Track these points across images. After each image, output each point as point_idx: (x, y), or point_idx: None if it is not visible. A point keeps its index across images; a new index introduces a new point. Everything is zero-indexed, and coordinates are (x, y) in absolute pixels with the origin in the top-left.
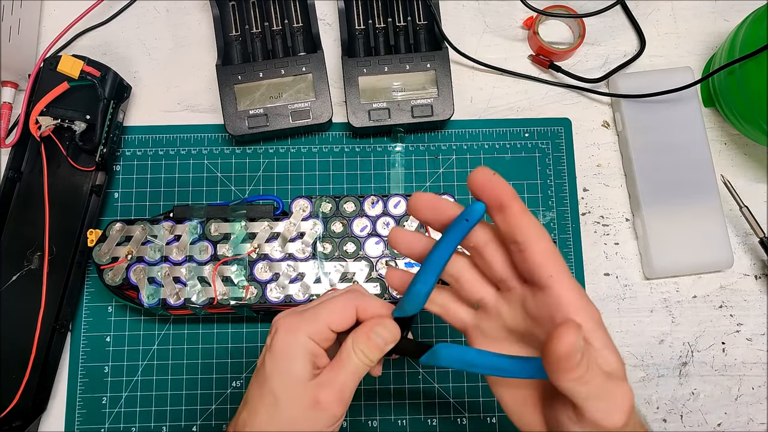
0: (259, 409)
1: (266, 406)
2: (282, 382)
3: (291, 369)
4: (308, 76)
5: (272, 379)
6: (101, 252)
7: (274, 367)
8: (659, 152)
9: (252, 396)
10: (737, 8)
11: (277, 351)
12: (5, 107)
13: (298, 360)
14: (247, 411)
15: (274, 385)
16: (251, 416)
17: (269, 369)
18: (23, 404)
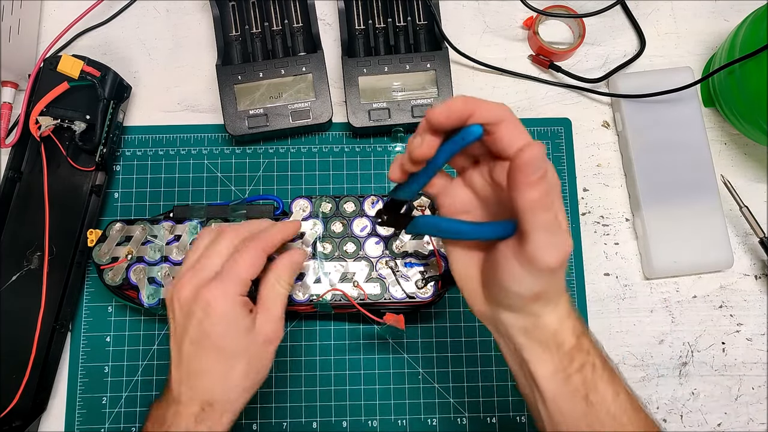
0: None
1: (230, 366)
2: (237, 339)
3: (239, 326)
4: (308, 76)
5: (225, 341)
6: (101, 252)
7: (223, 331)
8: (659, 152)
9: (208, 366)
10: (737, 8)
11: (219, 317)
12: (5, 107)
13: (241, 319)
14: (209, 378)
15: (230, 346)
16: (216, 381)
17: (218, 334)
18: (23, 404)
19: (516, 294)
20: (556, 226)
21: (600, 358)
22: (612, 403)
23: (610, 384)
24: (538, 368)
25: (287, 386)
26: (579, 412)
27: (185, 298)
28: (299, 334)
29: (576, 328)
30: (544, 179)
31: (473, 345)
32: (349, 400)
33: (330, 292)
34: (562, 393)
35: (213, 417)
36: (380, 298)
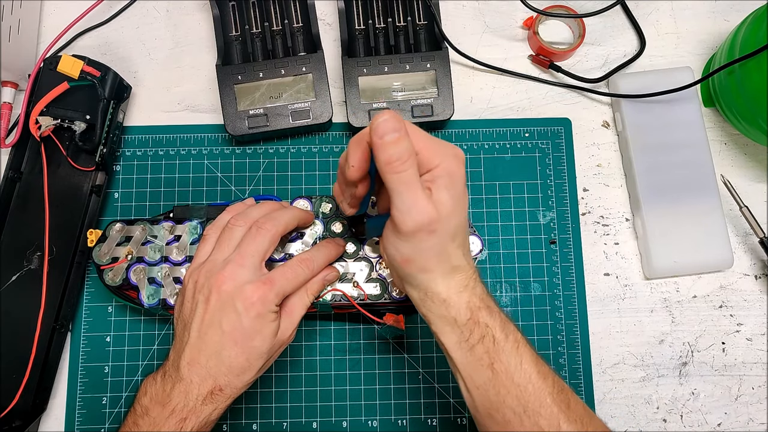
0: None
1: (252, 362)
2: (265, 340)
3: (271, 329)
4: (308, 76)
5: (256, 341)
6: (101, 252)
7: (257, 332)
8: (659, 152)
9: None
10: (737, 8)
11: (257, 318)
12: (5, 107)
13: (273, 321)
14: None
15: (259, 345)
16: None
17: (252, 333)
18: (23, 404)
19: (391, 257)
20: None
21: (502, 330)
22: (515, 372)
23: (513, 354)
24: (444, 339)
25: (287, 386)
26: (486, 379)
27: (227, 292)
28: (299, 334)
29: (471, 302)
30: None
31: None
32: (349, 400)
33: (330, 292)
34: (469, 362)
35: (219, 400)
36: (380, 298)
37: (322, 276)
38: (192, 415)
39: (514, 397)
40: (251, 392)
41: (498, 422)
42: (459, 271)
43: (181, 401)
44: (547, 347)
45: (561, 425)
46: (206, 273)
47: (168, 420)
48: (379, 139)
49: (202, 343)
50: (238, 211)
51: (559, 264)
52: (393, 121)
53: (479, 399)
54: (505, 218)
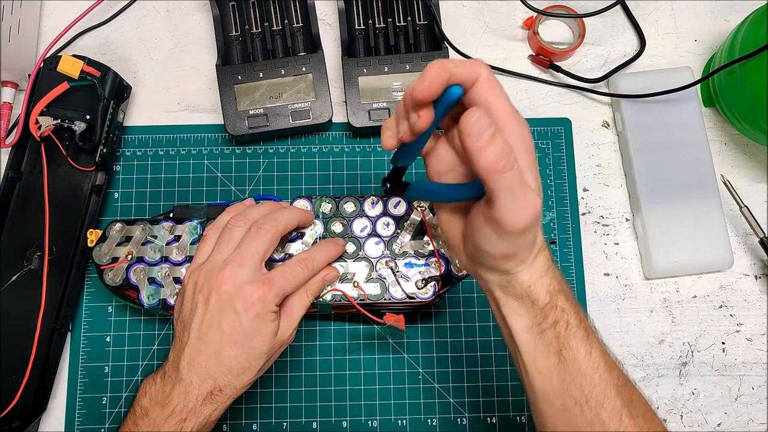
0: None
1: (251, 362)
2: (265, 341)
3: (270, 329)
4: (308, 76)
5: (255, 341)
6: (101, 252)
7: (256, 332)
8: (659, 152)
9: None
10: (737, 8)
11: (256, 318)
12: (5, 107)
13: (272, 323)
14: (227, 367)
15: (259, 346)
16: (236, 371)
17: (251, 333)
18: (23, 404)
19: (487, 254)
20: (520, 188)
21: (576, 316)
22: (584, 361)
23: (583, 342)
24: (514, 322)
25: (287, 386)
26: (551, 365)
27: (226, 293)
28: (299, 334)
29: (551, 286)
30: (493, 141)
31: (473, 345)
32: (349, 400)
33: (330, 292)
34: (537, 346)
35: (219, 400)
36: (380, 299)
37: (321, 276)
38: (192, 416)
39: (578, 386)
40: (251, 392)
41: (557, 409)
42: (541, 254)
43: (181, 402)
44: None
45: (623, 419)
46: (206, 273)
47: (168, 420)
48: (476, 142)
49: (201, 344)
50: (238, 211)
51: (559, 264)
52: (485, 118)
53: (540, 384)
54: None
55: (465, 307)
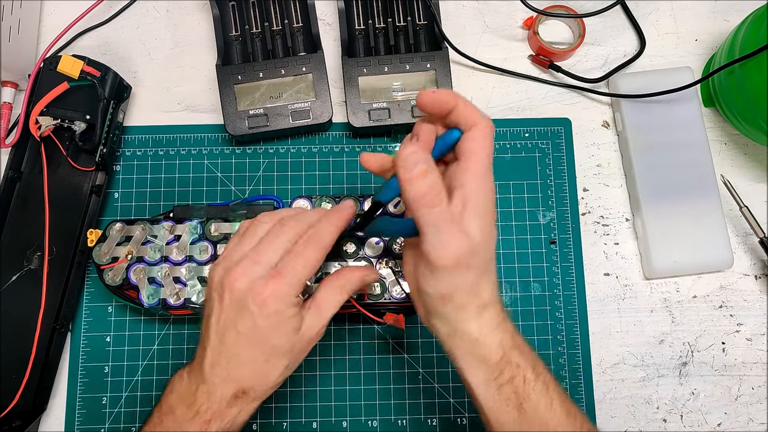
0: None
1: (274, 363)
2: (286, 339)
3: (291, 326)
4: (308, 76)
5: (275, 340)
6: (101, 252)
7: (275, 330)
8: (659, 152)
9: (253, 357)
10: (737, 8)
11: (273, 316)
12: (5, 107)
13: (293, 319)
14: (250, 368)
15: (279, 345)
16: (259, 373)
17: (269, 332)
18: (23, 404)
19: (426, 293)
20: (447, 225)
21: (533, 370)
22: (545, 413)
23: (543, 395)
24: (470, 377)
25: (287, 386)
26: (512, 419)
27: (239, 290)
28: None
29: (504, 341)
30: (425, 176)
31: None
32: (349, 400)
33: None
34: (496, 401)
35: (244, 403)
36: (380, 298)
37: (360, 275)
38: (216, 418)
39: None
40: None
41: None
42: (490, 308)
43: (205, 402)
44: (547, 347)
45: None
46: (222, 270)
47: (192, 421)
48: (407, 173)
49: (221, 345)
50: (284, 215)
51: (559, 264)
52: (420, 154)
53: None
54: (505, 218)
55: None
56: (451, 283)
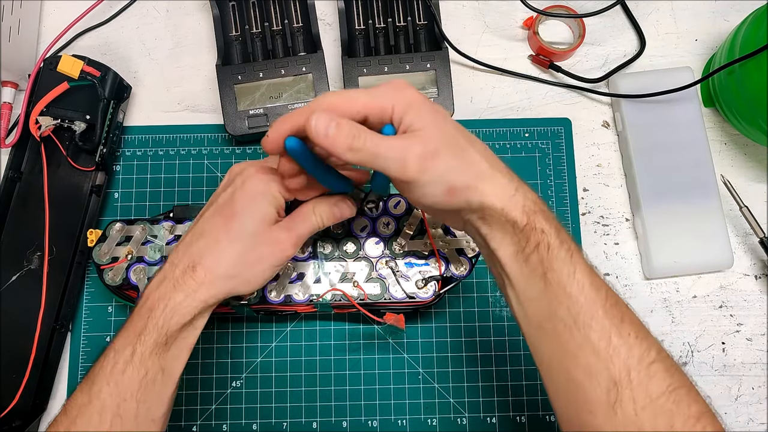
0: (222, 239)
1: (231, 239)
2: (252, 219)
3: (262, 210)
4: (308, 76)
5: (242, 215)
6: (101, 252)
7: (246, 206)
8: (659, 152)
9: (213, 226)
10: (737, 8)
11: (250, 192)
12: (5, 107)
13: (267, 204)
14: (206, 240)
15: (244, 221)
16: (211, 244)
17: (240, 206)
18: (23, 404)
19: (432, 206)
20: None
21: (557, 237)
22: (568, 283)
23: (566, 263)
24: (501, 252)
25: (287, 386)
26: (539, 290)
27: (233, 171)
28: (299, 334)
29: (526, 206)
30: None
31: (473, 345)
32: (349, 400)
33: (330, 292)
34: (524, 273)
35: (191, 284)
36: (380, 298)
37: (333, 200)
38: (161, 303)
39: (566, 309)
40: (250, 392)
41: (548, 334)
42: (497, 176)
43: (155, 289)
44: None
45: (612, 338)
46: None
47: (139, 311)
48: (325, 138)
49: (194, 224)
50: None
51: None
52: (324, 118)
53: (531, 311)
54: None
55: (465, 307)
56: (438, 178)
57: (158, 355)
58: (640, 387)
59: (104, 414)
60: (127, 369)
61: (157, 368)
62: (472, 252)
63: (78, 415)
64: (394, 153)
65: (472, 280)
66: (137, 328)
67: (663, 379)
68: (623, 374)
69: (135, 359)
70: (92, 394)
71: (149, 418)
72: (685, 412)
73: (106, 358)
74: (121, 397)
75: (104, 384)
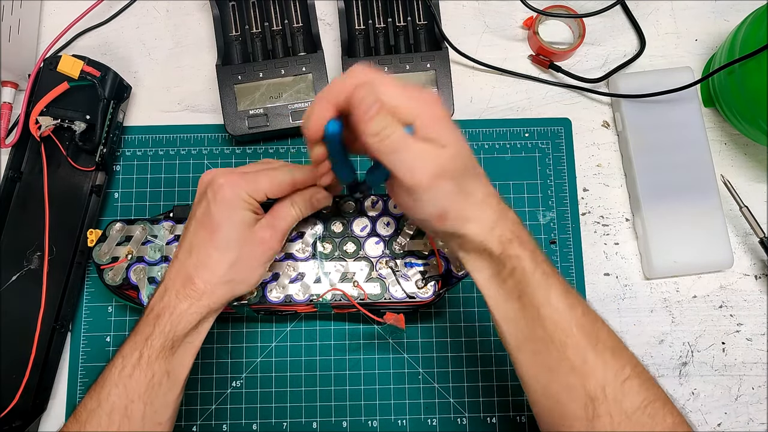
0: (211, 252)
1: (220, 250)
2: (233, 227)
3: (239, 216)
4: (308, 76)
5: (223, 226)
6: (101, 252)
7: (224, 216)
8: (659, 152)
9: (201, 241)
10: (737, 8)
11: (224, 202)
12: (5, 107)
13: (243, 210)
14: (197, 256)
15: (227, 231)
16: (203, 259)
17: (219, 218)
18: (23, 404)
19: (422, 220)
20: (406, 145)
21: (532, 260)
22: (543, 303)
23: (541, 285)
24: (477, 275)
25: (287, 386)
26: (516, 310)
27: (203, 182)
28: (299, 334)
29: (503, 236)
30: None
31: (473, 345)
32: (349, 400)
33: (330, 292)
34: (500, 295)
35: (193, 295)
36: (380, 298)
37: (310, 193)
38: (165, 311)
39: (542, 328)
40: (250, 392)
41: (527, 353)
42: (486, 205)
43: (159, 299)
44: None
45: (587, 356)
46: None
47: (146, 319)
48: (364, 114)
49: (182, 239)
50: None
51: (559, 264)
52: (372, 94)
53: (510, 331)
54: None
55: (465, 307)
56: (440, 199)
57: (164, 358)
58: (615, 402)
59: (113, 415)
60: (135, 372)
61: (163, 371)
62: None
63: (88, 419)
64: (412, 156)
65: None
66: (145, 334)
67: (638, 393)
68: (599, 390)
69: (142, 363)
70: (101, 398)
71: (156, 421)
72: (661, 425)
73: (114, 364)
74: (128, 399)
75: (113, 387)
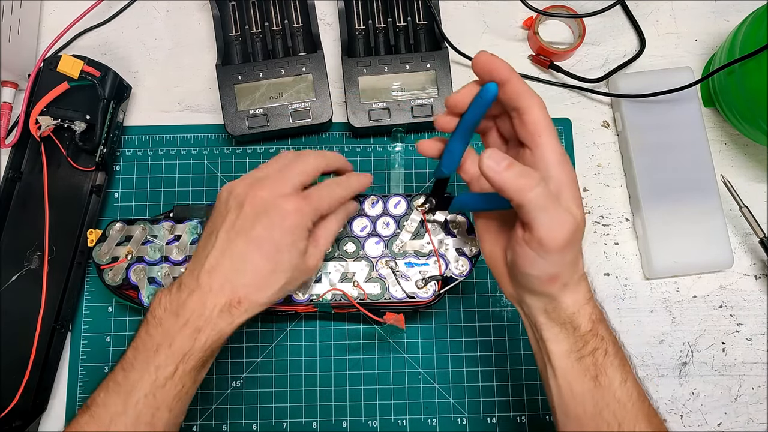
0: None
1: (276, 273)
2: (295, 255)
3: (302, 246)
4: (308, 76)
5: (284, 252)
6: (101, 252)
7: (287, 242)
8: (659, 152)
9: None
10: (737, 8)
11: (291, 231)
12: (5, 107)
13: (305, 240)
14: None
15: (287, 258)
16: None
17: (282, 243)
18: (23, 404)
19: (534, 277)
20: (552, 204)
21: (613, 345)
22: (619, 388)
23: (619, 370)
24: (554, 347)
25: (287, 386)
26: (586, 390)
27: (263, 199)
28: (299, 334)
29: (593, 314)
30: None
31: (473, 345)
32: (349, 400)
33: (330, 292)
34: (573, 371)
35: (235, 313)
36: (380, 298)
37: (345, 207)
38: (207, 326)
39: (612, 412)
40: (250, 392)
41: (587, 430)
42: (583, 281)
43: (197, 310)
44: None
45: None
46: (244, 185)
47: (181, 330)
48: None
49: (227, 249)
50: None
51: None
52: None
53: (574, 407)
54: None
55: (465, 307)
56: (559, 264)
57: (197, 370)
58: None
59: (138, 425)
60: (167, 384)
61: (192, 382)
62: (472, 252)
63: (112, 422)
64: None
65: (472, 280)
66: (183, 349)
67: None
68: None
69: (176, 376)
70: (128, 404)
71: (174, 423)
72: None
73: (147, 373)
74: (156, 407)
75: (142, 396)
